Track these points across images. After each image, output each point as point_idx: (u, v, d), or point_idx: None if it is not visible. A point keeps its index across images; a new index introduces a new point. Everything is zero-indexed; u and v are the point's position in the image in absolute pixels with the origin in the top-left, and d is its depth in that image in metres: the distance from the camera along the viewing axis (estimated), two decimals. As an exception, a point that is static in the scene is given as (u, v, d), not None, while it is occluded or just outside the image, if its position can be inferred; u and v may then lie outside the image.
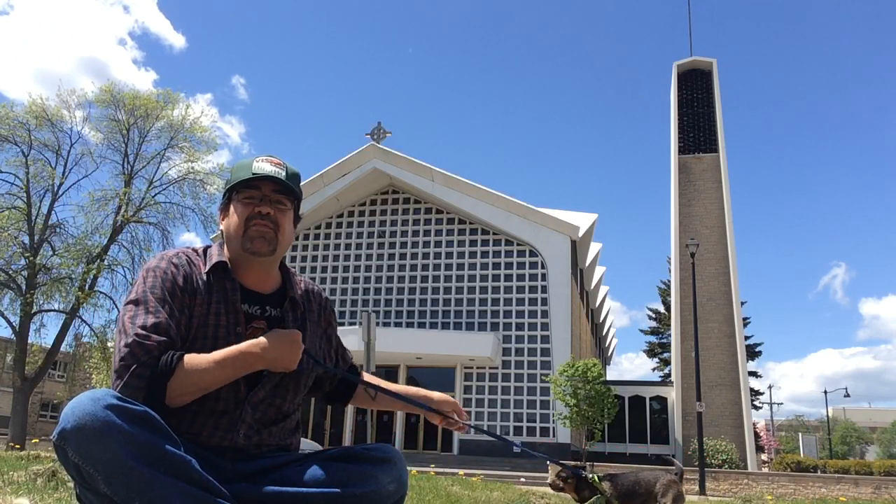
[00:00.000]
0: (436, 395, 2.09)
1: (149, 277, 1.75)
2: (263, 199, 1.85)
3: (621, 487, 3.15)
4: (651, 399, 33.23)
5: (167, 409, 1.63)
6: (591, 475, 3.07)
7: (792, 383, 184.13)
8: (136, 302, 1.69)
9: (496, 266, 30.94)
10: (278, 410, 1.83)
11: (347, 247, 33.14)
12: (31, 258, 22.48)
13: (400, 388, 2.13)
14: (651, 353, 54.18)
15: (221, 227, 1.92)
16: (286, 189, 1.88)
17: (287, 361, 1.70)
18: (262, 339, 1.69)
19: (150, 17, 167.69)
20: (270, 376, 1.79)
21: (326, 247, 33.38)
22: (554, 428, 27.81)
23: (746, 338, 41.81)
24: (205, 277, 1.81)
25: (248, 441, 1.75)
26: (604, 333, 53.00)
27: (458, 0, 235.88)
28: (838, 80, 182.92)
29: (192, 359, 1.63)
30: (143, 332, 1.62)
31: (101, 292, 23.80)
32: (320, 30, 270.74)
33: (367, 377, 2.14)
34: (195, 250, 1.91)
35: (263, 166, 1.87)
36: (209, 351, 1.69)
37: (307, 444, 17.49)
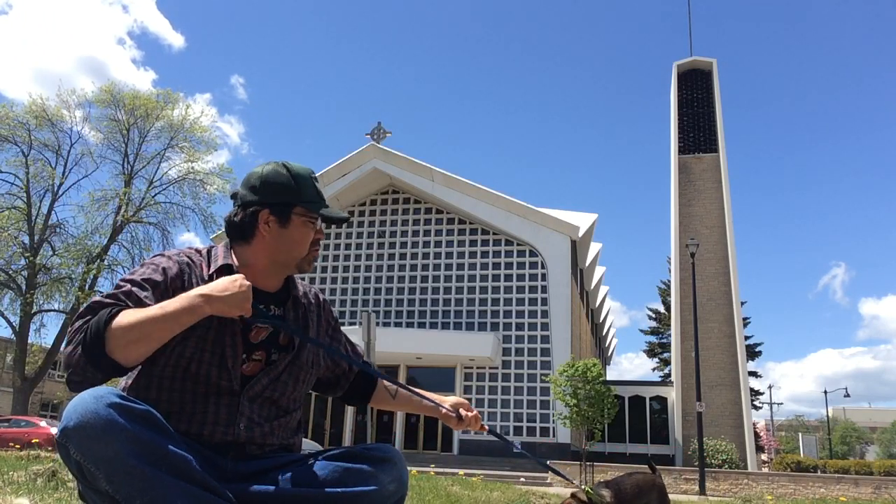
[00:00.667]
0: (450, 398, 2.11)
1: (139, 267, 1.78)
2: (320, 227, 1.93)
3: (625, 494, 3.00)
4: (651, 399, 33.23)
5: (165, 407, 1.63)
6: (584, 487, 2.93)
7: (791, 383, 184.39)
8: (118, 284, 1.69)
9: (496, 266, 30.95)
10: (276, 405, 1.82)
11: (347, 247, 33.14)
12: (31, 258, 22.49)
13: (415, 389, 2.14)
14: (651, 353, 54.21)
15: (264, 230, 1.83)
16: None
17: (234, 299, 1.60)
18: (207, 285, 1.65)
19: (149, 16, 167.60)
20: (266, 371, 1.79)
21: (326, 247, 33.36)
22: (554, 428, 27.81)
23: (746, 338, 41.82)
24: (206, 278, 1.80)
25: (249, 434, 1.73)
26: (604, 333, 53.00)
27: (459, 0, 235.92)
28: (838, 79, 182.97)
29: (135, 310, 1.58)
30: (98, 297, 1.64)
31: (101, 292, 23.76)
32: (320, 30, 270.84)
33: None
34: (198, 251, 1.89)
35: (334, 208, 2.01)
36: (205, 349, 1.69)
37: (307, 444, 17.51)
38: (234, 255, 1.88)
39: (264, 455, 1.77)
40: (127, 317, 1.54)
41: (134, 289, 1.66)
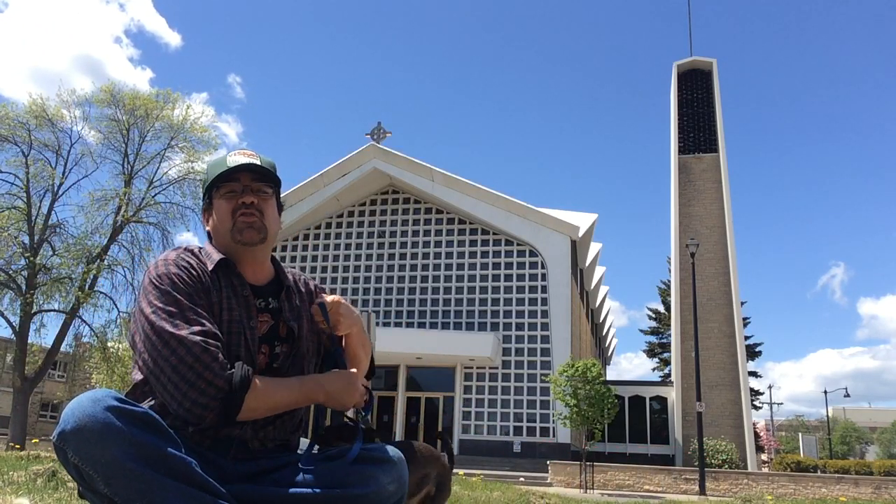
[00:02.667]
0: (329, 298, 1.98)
1: (164, 283, 1.71)
2: (245, 189, 1.87)
3: (417, 450, 2.27)
4: (651, 399, 33.23)
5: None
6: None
7: (791, 383, 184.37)
8: (163, 309, 1.65)
9: (496, 266, 30.94)
10: None
11: (347, 247, 33.13)
12: (31, 258, 22.46)
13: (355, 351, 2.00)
14: (651, 353, 54.19)
15: (208, 228, 1.94)
16: (265, 176, 1.90)
17: (345, 400, 1.80)
18: (323, 376, 1.83)
19: (146, 14, 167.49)
20: (271, 364, 1.81)
21: (326, 247, 33.36)
22: (554, 428, 27.79)
23: (746, 338, 41.80)
24: (210, 275, 1.82)
25: (254, 434, 1.76)
26: (604, 333, 52.99)
27: (459, 1, 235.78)
28: (838, 79, 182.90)
29: (267, 382, 1.69)
30: (201, 339, 1.61)
31: (101, 292, 23.76)
32: (319, 29, 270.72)
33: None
34: (189, 250, 1.89)
35: (237, 158, 1.89)
36: (230, 344, 1.74)
37: (307, 445, 17.47)
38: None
39: (266, 452, 1.78)
40: (263, 391, 1.66)
41: (202, 319, 1.67)
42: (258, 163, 1.89)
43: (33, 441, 17.90)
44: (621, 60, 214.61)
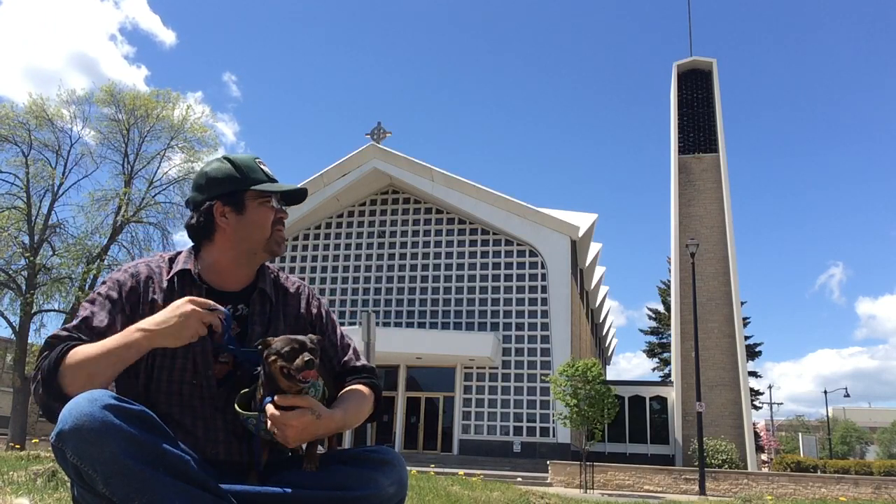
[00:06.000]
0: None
1: (101, 283, 1.83)
2: (280, 205, 1.91)
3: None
4: (651, 399, 33.24)
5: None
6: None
7: (790, 383, 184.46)
8: (82, 305, 1.76)
9: (496, 266, 30.94)
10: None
11: (347, 247, 33.13)
12: (31, 258, 22.46)
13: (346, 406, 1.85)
14: (651, 353, 54.18)
15: (222, 223, 1.85)
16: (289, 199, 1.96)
17: (174, 330, 1.60)
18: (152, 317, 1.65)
19: (141, 12, 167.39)
20: (233, 373, 1.78)
21: (326, 247, 33.37)
22: (554, 428, 27.79)
23: (746, 338, 41.81)
24: (165, 285, 1.81)
25: (228, 454, 1.75)
26: (604, 333, 53.00)
27: (459, 0, 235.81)
28: (837, 80, 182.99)
29: (83, 346, 1.63)
30: (57, 331, 1.70)
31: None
32: (317, 29, 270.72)
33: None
34: (163, 257, 1.90)
35: (281, 184, 1.93)
36: (174, 357, 1.72)
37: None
38: (199, 259, 1.88)
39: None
40: (75, 355, 1.60)
41: (91, 312, 1.72)
42: (302, 191, 1.95)
43: (33, 441, 17.87)
44: (621, 60, 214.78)
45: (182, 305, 1.62)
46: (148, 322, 1.62)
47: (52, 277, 23.12)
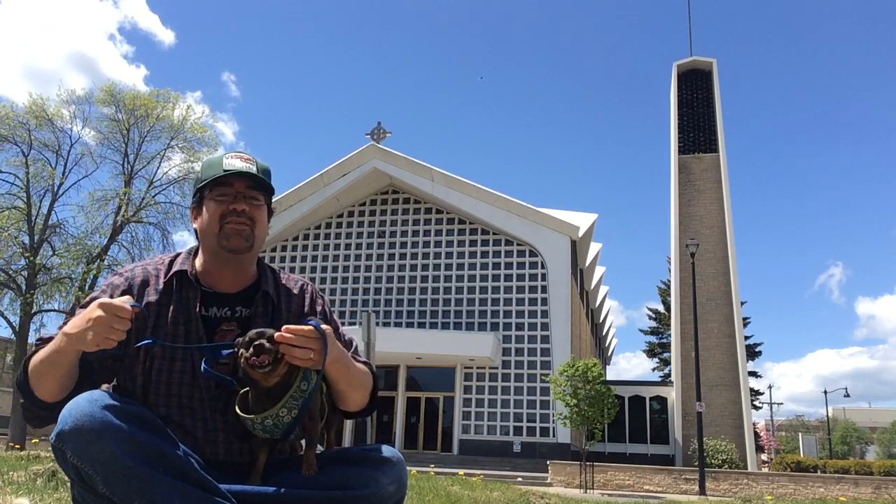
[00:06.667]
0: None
1: (98, 288, 1.87)
2: (237, 196, 1.83)
3: None
4: (651, 399, 33.22)
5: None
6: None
7: (790, 383, 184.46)
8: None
9: (496, 266, 30.93)
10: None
11: (347, 247, 33.12)
12: (31, 258, 22.46)
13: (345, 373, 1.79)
14: (651, 353, 54.16)
15: (195, 226, 1.90)
16: (259, 185, 1.86)
17: (84, 335, 1.53)
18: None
19: (139, 12, 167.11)
20: (233, 375, 1.78)
21: (326, 247, 33.35)
22: (554, 428, 27.79)
23: (746, 338, 41.79)
24: (161, 287, 1.81)
25: (228, 455, 1.76)
26: (604, 333, 52.98)
27: (460, 0, 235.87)
28: (837, 80, 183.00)
29: (41, 350, 1.66)
30: (43, 334, 1.75)
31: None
32: (317, 28, 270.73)
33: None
34: (163, 259, 1.91)
35: (234, 163, 1.84)
36: (173, 359, 1.74)
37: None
38: (195, 262, 1.89)
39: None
40: (34, 361, 1.64)
41: (75, 315, 1.72)
42: (255, 170, 1.85)
43: (33, 441, 17.86)
44: (621, 60, 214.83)
45: (91, 310, 1.55)
46: (69, 326, 1.59)
47: (52, 277, 23.12)
